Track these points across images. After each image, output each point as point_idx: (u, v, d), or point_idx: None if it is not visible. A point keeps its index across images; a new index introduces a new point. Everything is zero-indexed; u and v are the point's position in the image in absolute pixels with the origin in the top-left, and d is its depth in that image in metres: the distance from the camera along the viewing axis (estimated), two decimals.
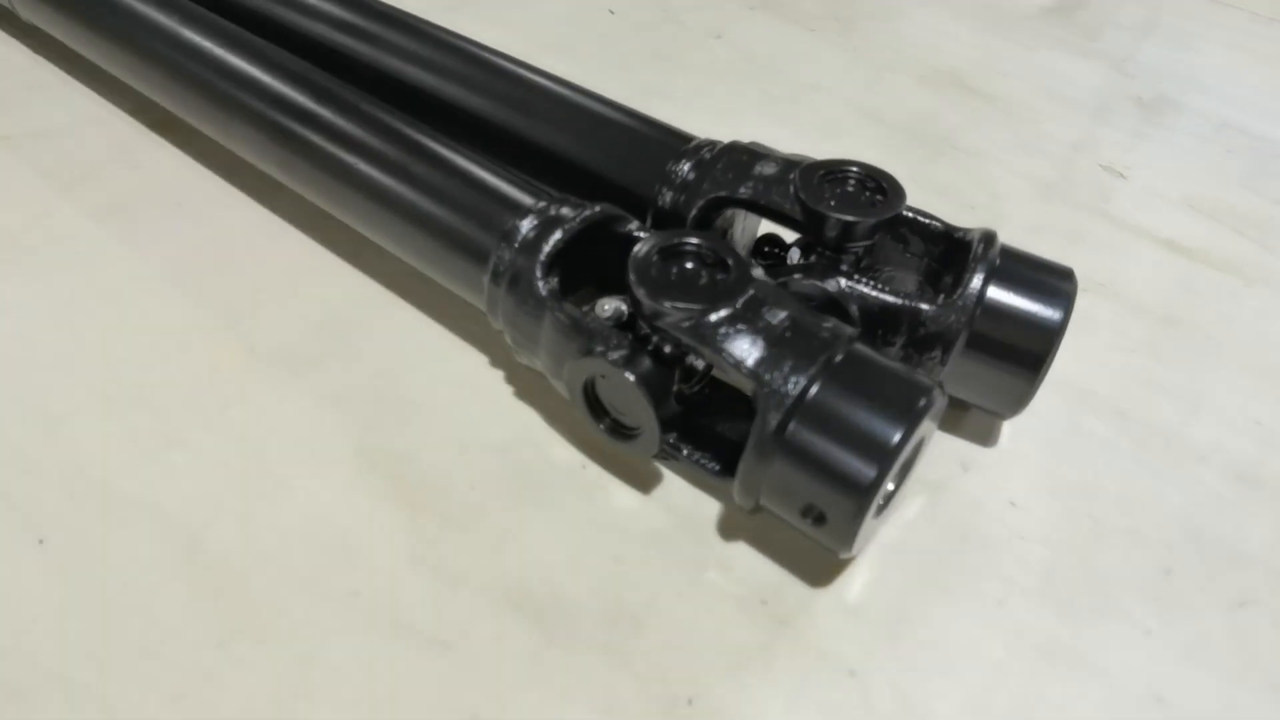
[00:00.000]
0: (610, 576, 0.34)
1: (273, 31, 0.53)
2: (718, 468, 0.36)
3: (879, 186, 0.39)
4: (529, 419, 0.40)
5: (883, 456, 0.30)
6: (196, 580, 0.33)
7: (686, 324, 0.33)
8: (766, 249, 0.44)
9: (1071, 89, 0.68)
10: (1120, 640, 0.34)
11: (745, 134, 0.46)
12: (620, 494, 0.38)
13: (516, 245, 0.37)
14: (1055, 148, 0.62)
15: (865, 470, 0.30)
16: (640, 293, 0.33)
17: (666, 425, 0.34)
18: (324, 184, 0.43)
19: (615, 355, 0.34)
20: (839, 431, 0.31)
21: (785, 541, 0.36)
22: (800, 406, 0.31)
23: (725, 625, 0.33)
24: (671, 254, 0.35)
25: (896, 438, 0.30)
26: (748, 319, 0.33)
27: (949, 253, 0.40)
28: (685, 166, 0.42)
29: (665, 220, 0.42)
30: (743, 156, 0.41)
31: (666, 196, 0.42)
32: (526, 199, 0.39)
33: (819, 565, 0.35)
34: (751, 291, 0.33)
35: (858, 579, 0.35)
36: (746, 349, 0.32)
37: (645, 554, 0.35)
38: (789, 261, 0.41)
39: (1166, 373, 0.45)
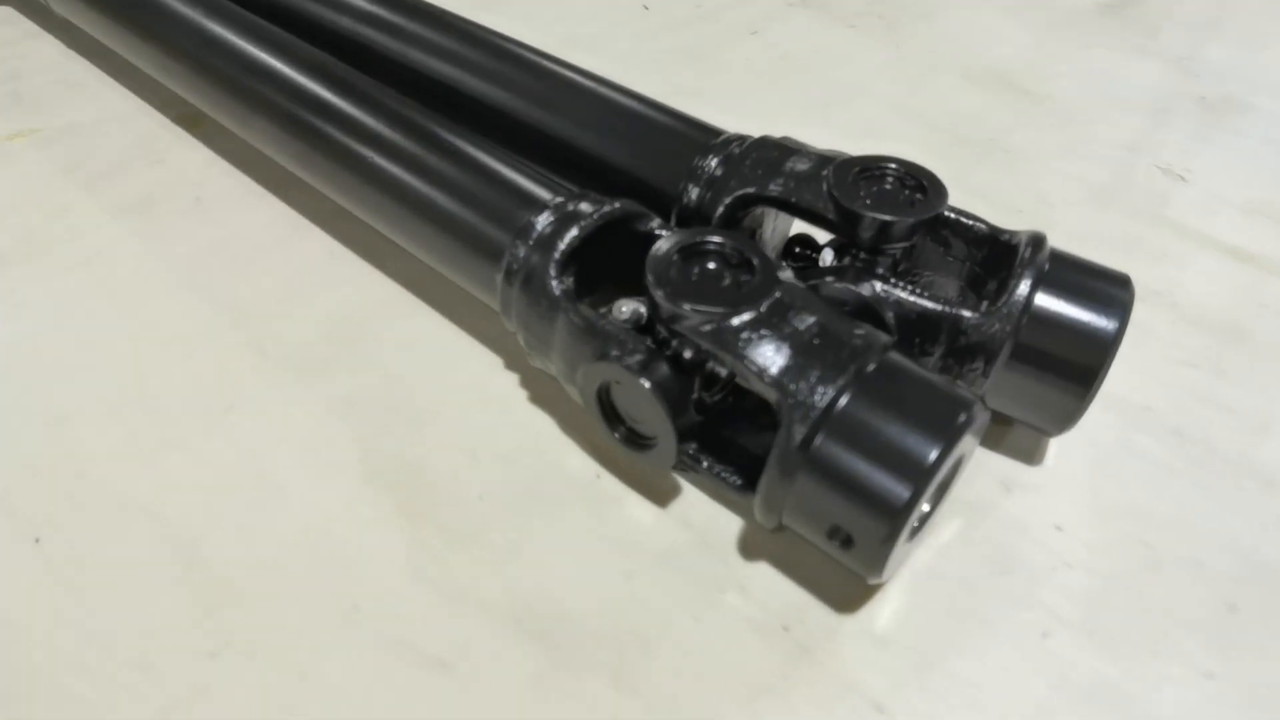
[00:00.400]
0: (621, 596, 0.32)
1: (301, 26, 0.52)
2: (740, 482, 0.33)
3: (919, 184, 0.37)
4: (543, 426, 0.38)
5: (918, 476, 0.28)
6: (192, 588, 0.32)
7: (707, 328, 0.31)
8: (798, 250, 0.41)
9: (1128, 89, 0.65)
10: (1177, 683, 0.31)
11: (780, 133, 0.44)
12: (635, 507, 0.35)
13: (532, 242, 0.35)
14: (1109, 150, 0.58)
15: (899, 490, 0.28)
16: (658, 294, 0.31)
17: (685, 435, 0.32)
18: (339, 177, 0.42)
19: (631, 360, 0.32)
20: (870, 447, 0.28)
21: (810, 563, 0.34)
22: (828, 419, 0.29)
23: (743, 652, 0.31)
24: (693, 253, 0.33)
25: (933, 455, 0.28)
26: (772, 324, 0.30)
27: (994, 257, 0.38)
28: (713, 162, 0.40)
29: (691, 218, 0.40)
30: (773, 152, 0.39)
31: (693, 193, 0.40)
32: (544, 194, 0.37)
33: (846, 590, 0.33)
34: (778, 294, 0.31)
35: (887, 606, 0.33)
36: (770, 356, 0.30)
37: (659, 572, 0.33)
38: (821, 263, 0.39)
39: (1230, 389, 0.42)
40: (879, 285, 0.36)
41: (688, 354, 0.33)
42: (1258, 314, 0.47)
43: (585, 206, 0.36)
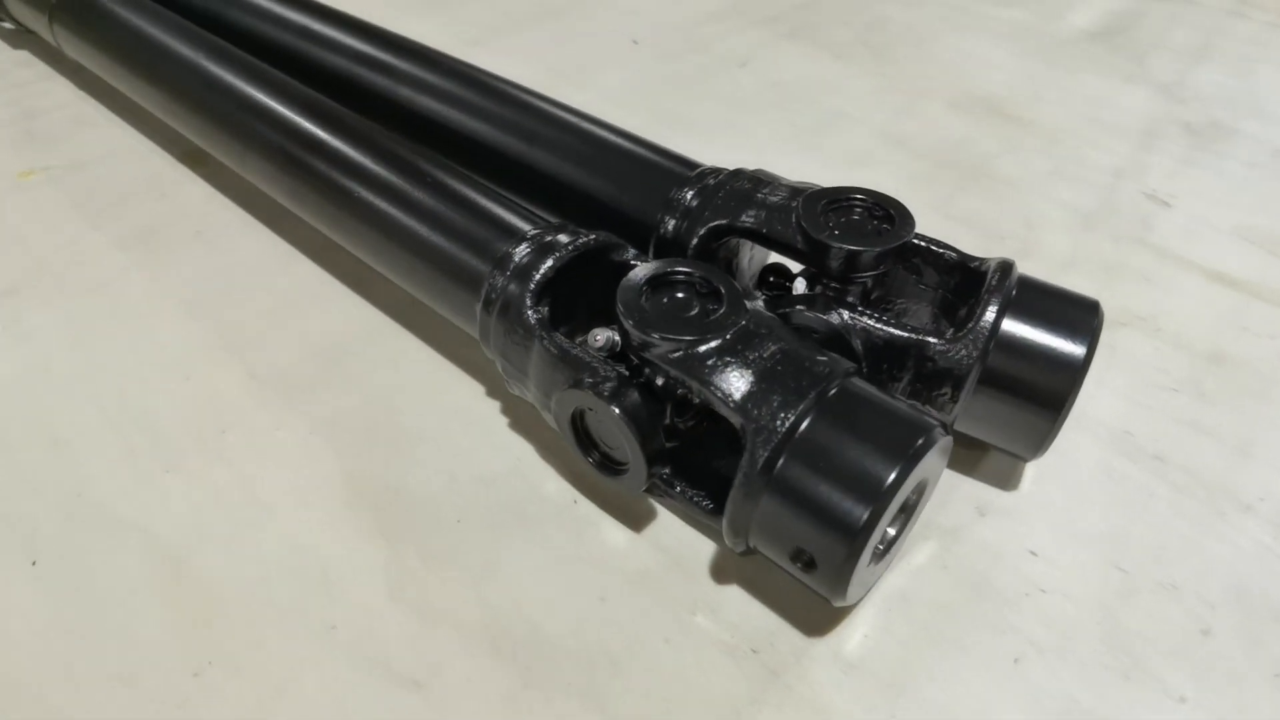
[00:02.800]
0: (594, 617, 0.33)
1: (297, 66, 0.54)
2: (711, 506, 0.34)
3: (886, 214, 0.37)
4: (522, 451, 0.39)
5: (876, 497, 0.28)
6: (178, 606, 0.33)
7: (675, 355, 0.31)
8: (772, 279, 0.42)
9: (1115, 114, 0.66)
10: (1150, 708, 0.31)
11: (769, 164, 0.45)
12: (611, 531, 0.36)
13: (510, 272, 0.36)
14: (1096, 175, 0.59)
15: (857, 511, 0.28)
16: (627, 323, 0.32)
17: (657, 460, 0.33)
18: (327, 210, 0.43)
19: (602, 387, 0.32)
20: (829, 470, 0.29)
21: (781, 587, 0.34)
22: (789, 443, 0.29)
23: (712, 674, 0.31)
24: (662, 283, 0.34)
25: (891, 477, 0.28)
26: (737, 351, 0.31)
27: (965, 283, 0.38)
28: (689, 194, 0.41)
29: (668, 249, 0.41)
30: (746, 184, 0.40)
31: (669, 224, 0.41)
32: (523, 226, 0.38)
33: (817, 613, 0.33)
34: (744, 323, 0.32)
35: (858, 630, 0.33)
36: (735, 382, 0.30)
37: (632, 594, 0.34)
38: (794, 292, 0.40)
39: (1212, 413, 0.42)
40: (846, 314, 0.36)
41: (659, 381, 0.33)
42: (1239, 337, 0.47)
43: (562, 238, 0.37)
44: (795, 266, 0.41)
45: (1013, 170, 0.59)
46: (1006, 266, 0.37)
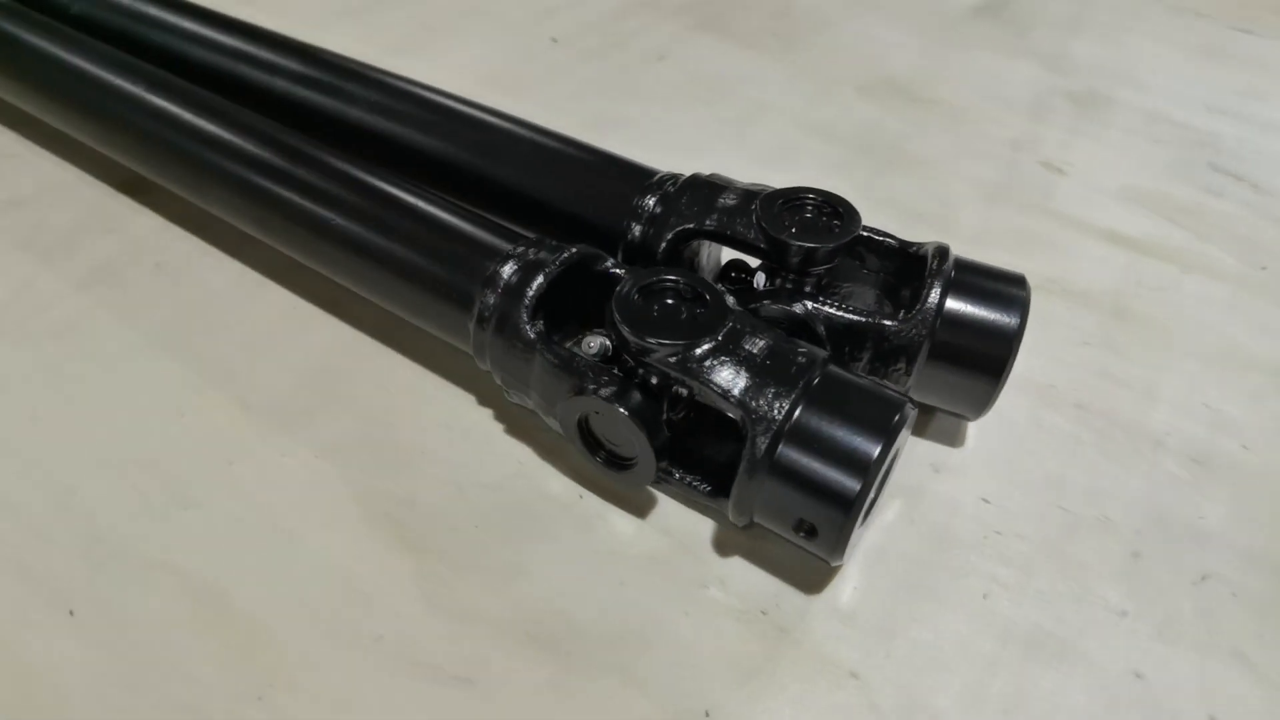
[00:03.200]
0: (617, 601, 0.36)
1: (232, 88, 0.54)
2: (709, 489, 0.38)
3: (835, 211, 0.41)
4: (522, 455, 0.42)
5: (866, 470, 0.32)
6: (224, 638, 0.34)
7: (673, 359, 0.35)
8: (733, 274, 0.45)
9: (1007, 89, 0.72)
10: (1099, 624, 0.37)
11: (703, 159, 0.48)
12: (618, 521, 0.39)
13: (500, 290, 0.39)
14: (997, 149, 0.64)
15: (851, 484, 0.32)
16: (626, 331, 0.35)
17: (663, 453, 0.36)
18: (304, 241, 0.44)
19: (606, 392, 0.35)
20: (823, 450, 0.33)
21: (777, 554, 0.38)
22: (786, 430, 0.33)
23: (730, 638, 0.35)
24: (650, 291, 0.37)
25: (876, 452, 0.32)
26: (729, 350, 0.35)
27: (904, 267, 0.43)
28: (651, 201, 0.44)
29: (635, 254, 0.44)
30: (705, 189, 0.43)
31: (635, 231, 0.44)
32: (504, 244, 0.40)
33: (811, 574, 0.37)
34: (730, 323, 0.35)
35: (848, 584, 0.37)
36: (732, 379, 0.34)
37: (647, 577, 0.37)
38: (755, 286, 0.44)
39: (1120, 363, 0.48)
40: (810, 304, 0.40)
41: (654, 380, 0.37)
42: (1137, 293, 0.53)
43: (545, 254, 0.39)
44: (753, 261, 0.45)
45: (923, 150, 0.64)
46: (943, 251, 0.41)
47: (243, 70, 0.55)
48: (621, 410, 0.35)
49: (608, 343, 0.38)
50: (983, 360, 0.39)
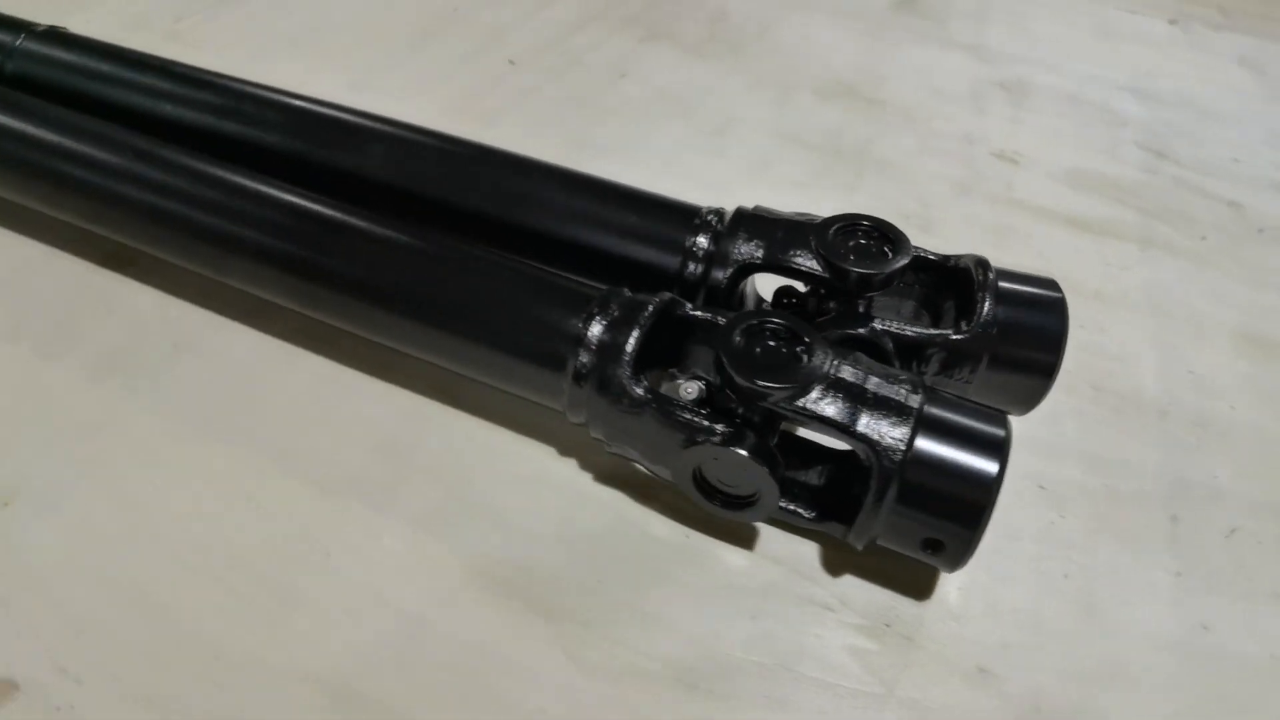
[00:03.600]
0: (753, 633, 0.38)
1: (217, 146, 0.51)
2: (813, 515, 0.40)
3: (884, 235, 0.44)
4: (618, 503, 0.43)
5: (989, 489, 0.35)
6: None
7: (790, 401, 0.36)
8: (785, 300, 0.47)
9: (945, 82, 0.76)
10: (1162, 587, 0.41)
11: (693, 178, 0.52)
12: (728, 555, 0.41)
13: (595, 348, 0.39)
14: (951, 144, 0.69)
15: (978, 502, 0.35)
16: (739, 379, 0.36)
17: (782, 486, 0.38)
18: (356, 311, 0.43)
19: (720, 438, 0.37)
20: (948, 473, 0.35)
21: (883, 567, 0.41)
22: (910, 458, 0.35)
23: (865, 654, 0.38)
24: (751, 334, 0.38)
25: (996, 470, 0.35)
26: (841, 387, 0.37)
27: (942, 279, 0.46)
28: (703, 239, 0.45)
29: (692, 292, 0.45)
30: (755, 223, 0.45)
31: (692, 270, 0.45)
32: (583, 297, 0.41)
33: (918, 581, 0.40)
34: (834, 360, 0.37)
35: (952, 586, 0.40)
36: (849, 414, 0.36)
37: (773, 606, 0.39)
38: (810, 311, 0.46)
39: (1112, 343, 0.53)
40: (877, 324, 0.43)
41: (756, 418, 0.38)
42: (1106, 274, 0.58)
43: (632, 307, 0.40)
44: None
45: (888, 151, 0.67)
46: (984, 262, 0.44)
47: (228, 127, 0.52)
48: (742, 453, 0.36)
49: (702, 386, 0.40)
50: (1037, 362, 0.43)
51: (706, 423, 0.37)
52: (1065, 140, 0.70)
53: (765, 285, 0.47)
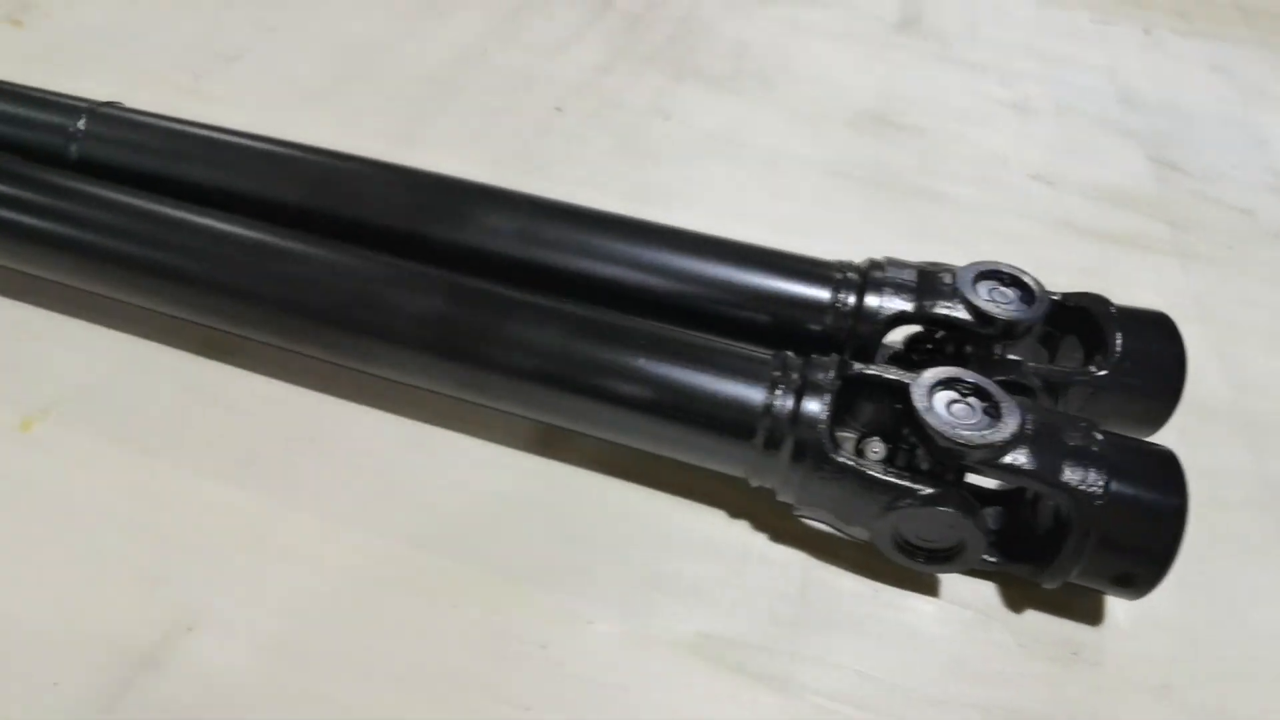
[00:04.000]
0: (964, 675, 0.40)
1: (310, 224, 0.50)
2: (996, 559, 0.42)
3: (1016, 281, 0.46)
4: (801, 562, 0.44)
5: (1180, 525, 0.38)
6: None
7: (993, 458, 0.38)
8: (925, 347, 0.49)
9: (960, 102, 0.80)
10: None
11: (763, 221, 0.55)
12: (918, 604, 0.43)
13: (786, 418, 0.40)
14: (990, 168, 0.72)
15: (1170, 539, 0.38)
16: (940, 439, 0.38)
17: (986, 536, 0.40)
18: (532, 395, 0.43)
19: (925, 499, 0.39)
20: (1142, 512, 0.38)
21: (1056, 598, 0.43)
22: (1108, 502, 0.38)
23: (1066, 684, 0.40)
24: (944, 392, 0.40)
25: (1182, 504, 0.38)
26: (1038, 441, 0.39)
27: (1057, 316, 0.49)
28: (847, 295, 0.47)
29: (840, 348, 0.46)
30: (893, 275, 0.47)
31: (840, 325, 0.46)
32: (762, 366, 0.42)
33: (1088, 607, 0.43)
34: (1025, 414, 0.40)
35: (1118, 609, 0.43)
36: (1048, 466, 0.38)
37: (972, 648, 0.41)
38: (944, 354, 0.48)
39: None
40: (1030, 365, 0.45)
41: (949, 475, 0.40)
42: (1156, 286, 0.63)
43: (815, 372, 0.41)
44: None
45: (931, 180, 0.70)
46: (1102, 299, 0.47)
47: (326, 202, 0.51)
48: (951, 511, 0.39)
49: (885, 444, 0.42)
50: (1164, 389, 0.46)
51: (908, 483, 0.39)
52: (1085, 157, 0.74)
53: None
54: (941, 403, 0.40)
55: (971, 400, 0.40)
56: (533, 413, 0.45)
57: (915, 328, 0.49)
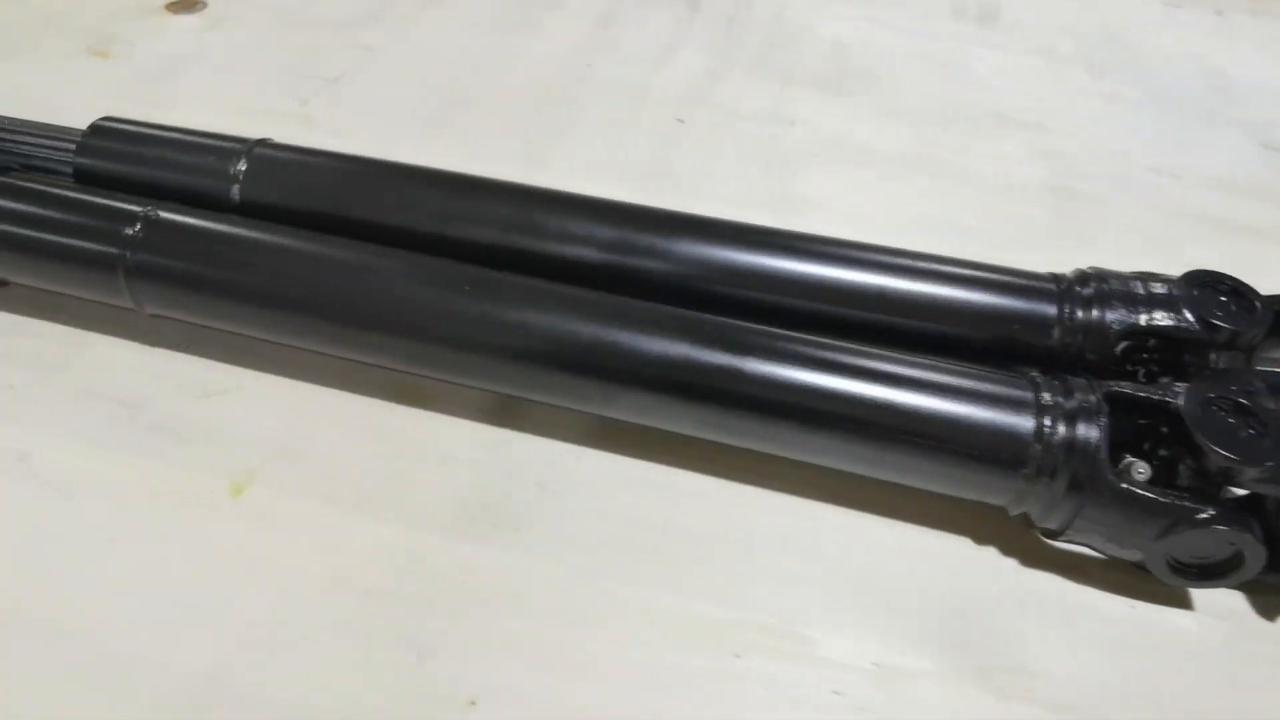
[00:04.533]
0: (1232, 687, 0.40)
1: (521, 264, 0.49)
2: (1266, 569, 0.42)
3: (1233, 289, 0.47)
4: (1059, 587, 0.43)
5: None
6: None
7: (1265, 477, 0.39)
8: (1144, 356, 0.49)
9: (1059, 96, 0.79)
10: None
11: (927, 230, 0.56)
12: (1177, 619, 0.43)
13: (1061, 447, 0.40)
14: (1108, 165, 0.72)
15: None
16: (1221, 460, 0.38)
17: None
18: (780, 435, 0.43)
19: (1207, 519, 0.39)
20: None
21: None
22: None
23: None
24: (1211, 407, 0.40)
25: None
26: None
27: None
28: (1074, 310, 0.46)
29: (1072, 364, 0.46)
30: (1113, 287, 0.47)
31: (1071, 340, 0.46)
32: (1026, 394, 0.42)
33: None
34: None
35: None
36: None
37: (1239, 664, 0.41)
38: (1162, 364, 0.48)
39: None
40: (1250, 373, 0.45)
41: (1214, 491, 0.41)
42: None
43: (1083, 397, 0.41)
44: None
45: (1071, 181, 0.69)
46: None
47: (525, 241, 0.50)
48: (1236, 530, 0.39)
49: (1148, 464, 0.42)
50: None
51: (1180, 506, 0.39)
52: (1190, 147, 0.74)
53: None
54: (1213, 419, 0.40)
55: (1237, 417, 0.41)
56: (786, 451, 0.44)
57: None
